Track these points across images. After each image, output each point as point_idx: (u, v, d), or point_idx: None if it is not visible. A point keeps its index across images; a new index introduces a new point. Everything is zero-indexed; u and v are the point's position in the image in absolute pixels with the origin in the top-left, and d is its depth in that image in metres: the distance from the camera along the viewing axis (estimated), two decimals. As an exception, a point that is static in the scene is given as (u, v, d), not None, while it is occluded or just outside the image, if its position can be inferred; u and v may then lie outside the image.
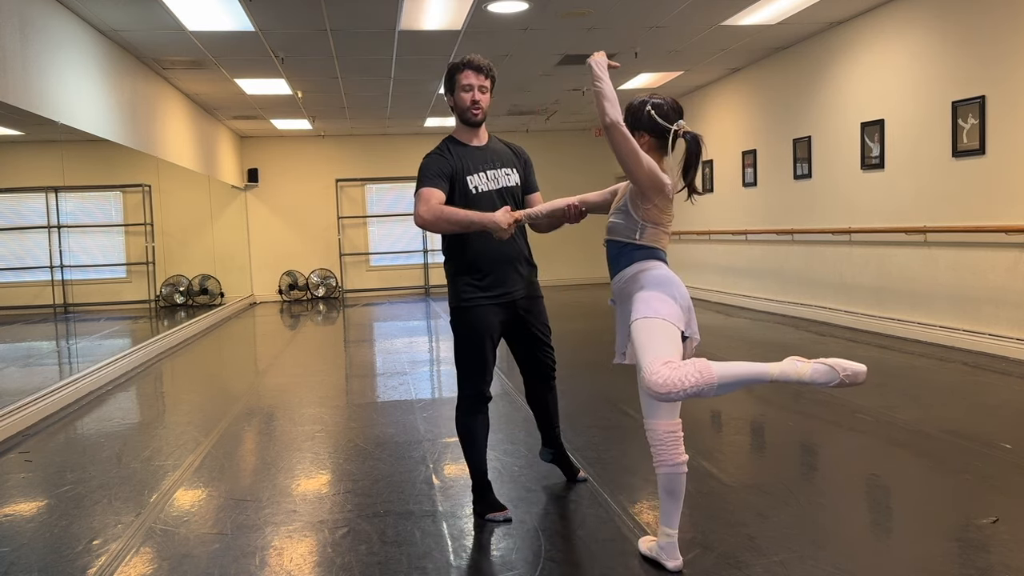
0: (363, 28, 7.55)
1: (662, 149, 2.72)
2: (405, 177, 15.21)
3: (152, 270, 10.75)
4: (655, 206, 2.67)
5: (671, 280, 2.67)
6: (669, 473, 2.65)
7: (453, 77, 3.21)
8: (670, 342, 2.54)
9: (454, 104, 3.24)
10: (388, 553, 2.93)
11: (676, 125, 2.68)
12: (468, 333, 3.21)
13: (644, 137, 2.71)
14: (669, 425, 2.68)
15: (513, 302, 3.28)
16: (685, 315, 2.64)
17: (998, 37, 6.14)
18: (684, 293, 2.67)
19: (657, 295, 2.62)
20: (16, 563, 2.98)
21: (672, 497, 2.67)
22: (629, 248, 2.74)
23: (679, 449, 2.66)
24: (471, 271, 3.20)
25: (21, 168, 7.62)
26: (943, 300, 6.85)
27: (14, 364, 7.48)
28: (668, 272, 2.71)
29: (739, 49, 9.07)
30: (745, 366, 2.46)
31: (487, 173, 3.22)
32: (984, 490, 3.38)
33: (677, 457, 2.65)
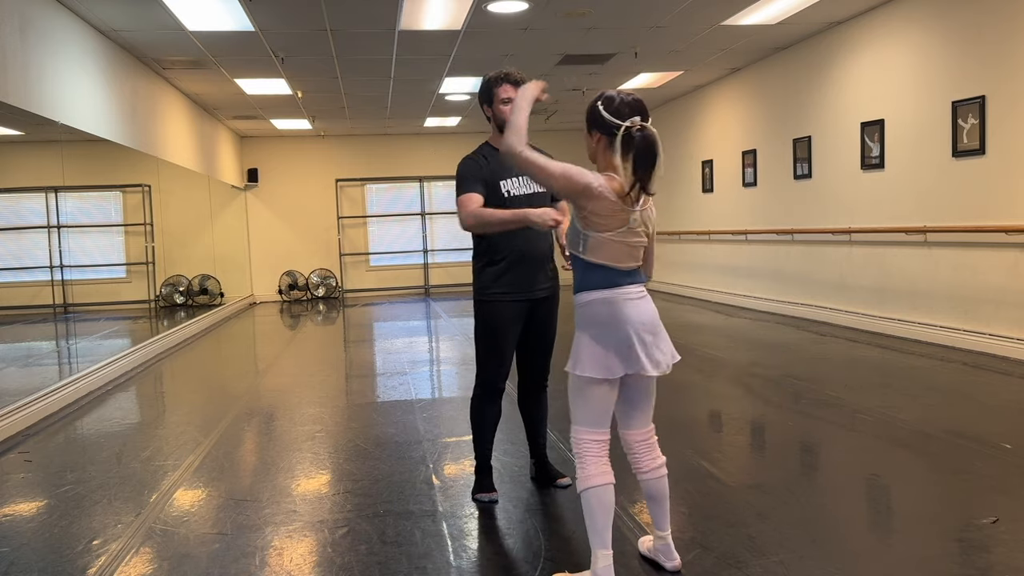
0: (363, 28, 7.55)
1: (613, 149, 2.49)
2: (405, 177, 15.22)
3: (152, 270, 10.75)
4: (591, 212, 2.47)
5: (600, 318, 2.50)
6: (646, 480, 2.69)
7: (492, 90, 3.38)
8: (584, 402, 2.53)
9: (492, 115, 3.42)
10: (388, 553, 2.93)
11: (629, 121, 2.45)
12: (490, 325, 3.36)
13: (596, 135, 2.54)
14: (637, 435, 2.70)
15: (536, 301, 3.42)
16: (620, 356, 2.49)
17: (998, 37, 6.14)
18: (623, 335, 2.49)
19: (585, 341, 2.52)
20: (16, 563, 2.98)
21: (654, 501, 2.69)
22: (579, 265, 2.57)
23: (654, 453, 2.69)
24: (496, 265, 3.34)
25: (21, 168, 7.61)
26: (943, 300, 6.85)
27: (14, 364, 7.48)
28: (603, 307, 2.50)
29: (739, 49, 9.06)
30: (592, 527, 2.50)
31: (520, 179, 3.38)
32: (984, 490, 3.38)
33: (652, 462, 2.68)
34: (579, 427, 2.56)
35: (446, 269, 15.33)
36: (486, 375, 3.41)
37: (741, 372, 6.10)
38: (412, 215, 15.39)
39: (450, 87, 10.59)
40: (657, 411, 2.87)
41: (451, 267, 15.30)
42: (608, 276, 2.52)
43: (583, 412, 2.55)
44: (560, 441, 4.33)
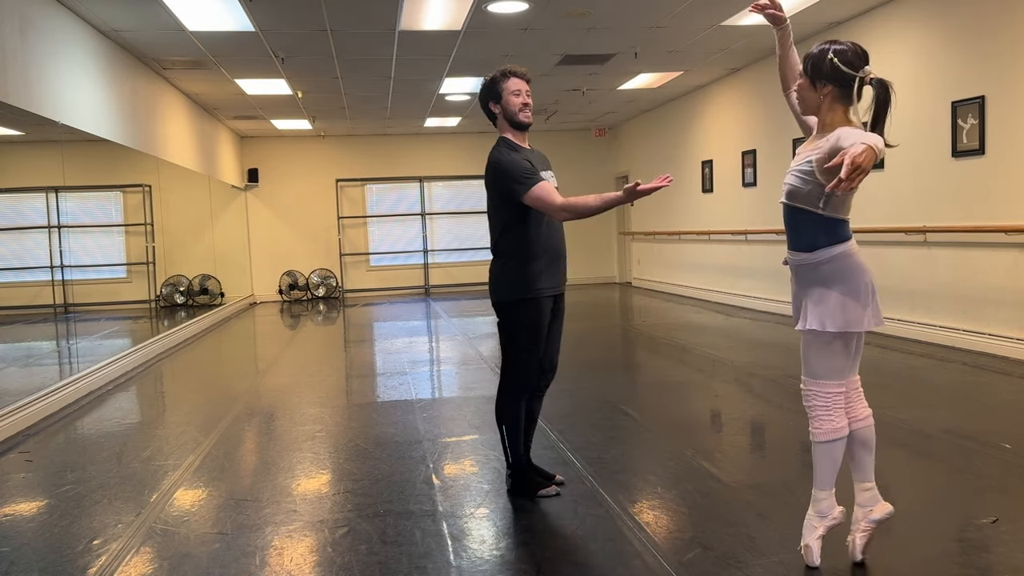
0: (363, 28, 7.55)
1: (847, 99, 2.47)
2: (405, 177, 15.22)
3: (152, 270, 10.75)
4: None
5: (855, 269, 2.50)
6: (857, 431, 2.65)
7: (499, 85, 3.37)
8: (829, 358, 2.54)
9: (502, 110, 3.38)
10: (388, 553, 2.93)
11: (862, 72, 2.42)
12: (533, 324, 3.33)
13: (827, 88, 2.47)
14: (852, 383, 2.66)
15: (559, 296, 3.46)
16: (864, 307, 2.49)
17: (998, 37, 6.14)
18: (866, 282, 2.51)
19: (836, 298, 2.48)
20: (16, 563, 2.98)
21: (865, 449, 2.67)
22: (810, 221, 2.50)
23: (861, 404, 2.67)
24: (537, 261, 3.32)
25: (21, 168, 7.61)
26: (943, 300, 6.85)
27: (14, 364, 7.48)
28: (854, 260, 2.51)
29: (739, 49, 9.06)
30: (830, 472, 2.59)
31: (545, 173, 3.35)
32: (984, 490, 3.38)
33: (865, 410, 2.67)
34: (824, 380, 2.55)
35: (446, 269, 15.33)
36: (528, 376, 3.38)
37: (741, 372, 6.10)
38: (412, 215, 15.39)
39: (450, 87, 10.59)
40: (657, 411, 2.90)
41: (451, 267, 15.30)
42: (845, 228, 2.53)
43: (828, 366, 2.54)
44: (560, 442, 4.33)
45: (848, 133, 2.31)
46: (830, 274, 2.50)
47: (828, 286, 2.50)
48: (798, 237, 2.56)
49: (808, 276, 2.54)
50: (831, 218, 2.50)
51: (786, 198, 2.57)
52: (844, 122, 2.47)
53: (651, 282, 13.86)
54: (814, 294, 2.52)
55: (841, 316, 2.48)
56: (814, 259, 2.51)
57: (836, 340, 2.52)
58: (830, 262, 2.49)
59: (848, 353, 2.56)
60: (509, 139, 3.38)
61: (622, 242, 15.58)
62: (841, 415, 2.57)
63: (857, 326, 2.50)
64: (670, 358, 6.95)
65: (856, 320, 2.49)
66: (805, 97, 2.56)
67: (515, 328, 3.35)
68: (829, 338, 2.52)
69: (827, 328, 2.49)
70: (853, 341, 2.56)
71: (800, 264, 2.56)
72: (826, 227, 2.50)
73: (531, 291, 3.30)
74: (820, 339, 2.53)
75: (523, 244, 3.30)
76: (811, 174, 2.47)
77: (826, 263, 2.50)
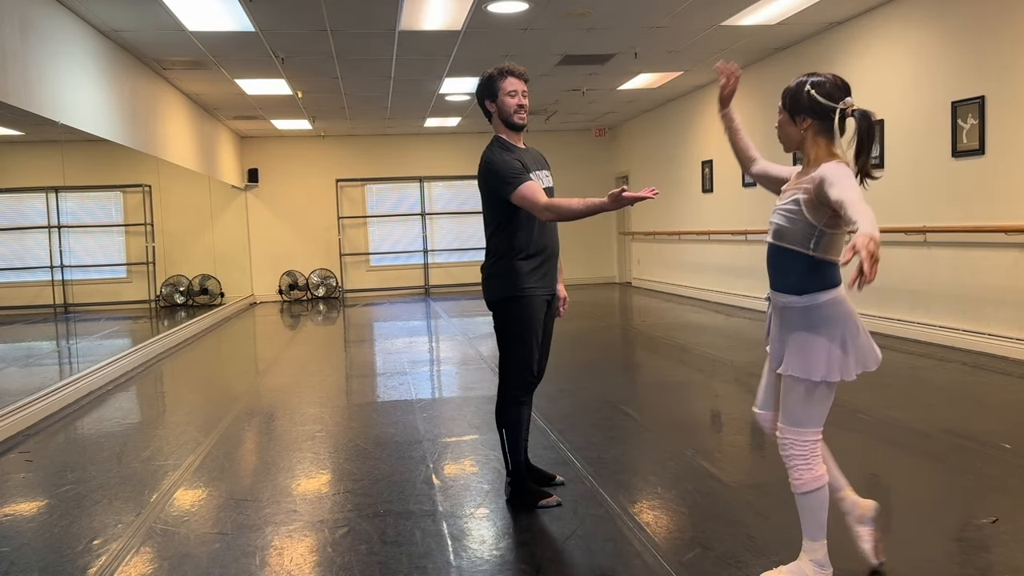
0: (363, 28, 7.55)
1: (829, 132, 2.37)
2: (405, 177, 15.22)
3: (152, 270, 10.75)
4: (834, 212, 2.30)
5: (842, 317, 2.36)
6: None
7: (496, 84, 3.33)
8: (814, 406, 2.40)
9: (497, 109, 3.36)
10: (388, 553, 2.93)
11: (842, 104, 2.35)
12: (526, 322, 3.30)
13: (807, 121, 2.39)
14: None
15: (552, 297, 3.43)
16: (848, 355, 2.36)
17: (998, 37, 6.14)
18: (856, 327, 2.38)
19: (824, 346, 2.35)
20: (16, 563, 2.98)
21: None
22: (799, 262, 2.38)
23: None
24: (530, 259, 3.30)
25: (21, 168, 7.61)
26: (943, 300, 6.85)
27: (14, 364, 7.48)
28: (842, 308, 2.37)
29: (739, 49, 9.06)
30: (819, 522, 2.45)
31: (538, 173, 3.34)
32: (984, 490, 3.38)
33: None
34: (806, 429, 2.41)
35: (446, 269, 15.33)
36: (525, 375, 3.33)
37: (741, 372, 6.10)
38: (412, 215, 15.39)
39: (450, 87, 10.59)
40: (657, 411, 2.90)
41: (451, 267, 15.30)
42: (835, 272, 2.40)
43: (815, 415, 2.41)
44: (560, 442, 4.33)
45: (831, 173, 2.26)
46: (818, 320, 2.36)
47: (815, 332, 2.36)
48: (784, 278, 2.42)
49: (794, 320, 2.41)
50: (821, 260, 2.37)
51: (773, 238, 2.45)
52: (828, 156, 2.38)
53: (651, 282, 13.86)
54: (799, 338, 2.39)
55: (826, 364, 2.35)
56: (802, 303, 2.38)
57: (819, 388, 2.39)
58: (819, 308, 2.36)
59: (830, 400, 2.43)
60: (503, 139, 3.36)
61: (622, 242, 15.58)
62: (819, 462, 2.44)
63: (842, 375, 2.37)
64: (670, 358, 6.95)
65: (841, 368, 2.36)
66: (786, 132, 2.48)
67: (509, 327, 3.32)
68: (813, 385, 2.38)
69: (811, 376, 2.36)
70: (834, 389, 2.43)
71: (786, 307, 2.43)
72: (815, 270, 2.37)
73: (523, 289, 3.28)
74: (803, 386, 2.39)
75: (515, 243, 3.28)
76: (799, 213, 2.37)
77: (815, 309, 2.37)
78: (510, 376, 3.34)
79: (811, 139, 2.42)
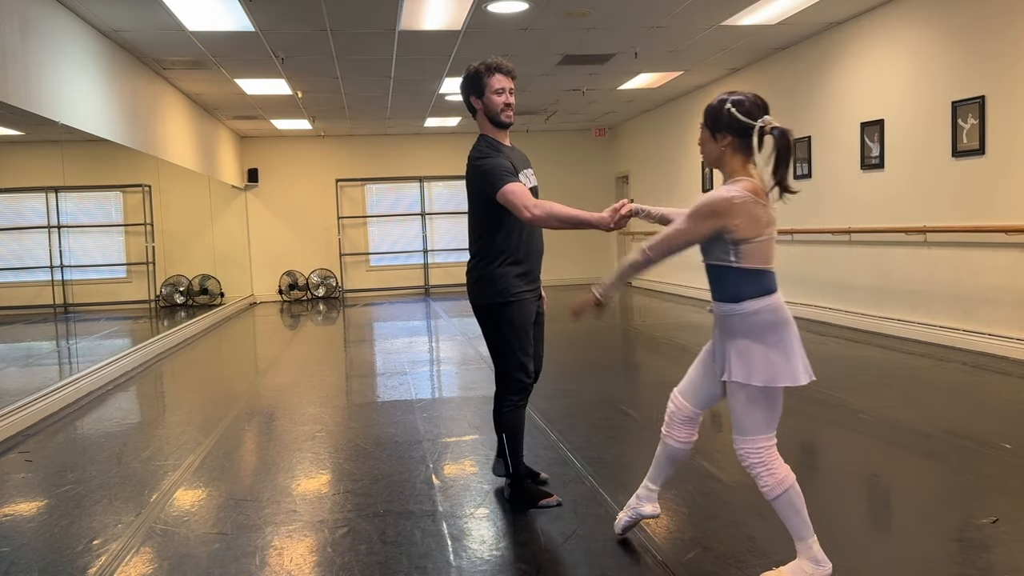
0: (363, 28, 7.55)
1: (747, 149, 2.46)
2: (405, 177, 15.22)
3: (152, 270, 10.75)
4: (737, 226, 2.40)
5: (779, 324, 2.45)
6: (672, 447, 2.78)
7: (482, 80, 3.26)
8: (763, 411, 2.47)
9: (483, 107, 3.29)
10: (388, 553, 2.93)
11: (761, 121, 2.42)
12: (518, 326, 3.25)
13: (727, 138, 2.46)
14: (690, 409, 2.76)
15: (539, 296, 3.41)
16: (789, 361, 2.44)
17: (998, 37, 6.14)
18: (791, 335, 2.46)
19: (761, 353, 2.43)
20: (16, 563, 2.98)
21: (671, 465, 2.83)
22: (731, 273, 2.47)
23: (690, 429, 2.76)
24: (518, 264, 3.26)
25: (21, 168, 7.62)
26: (943, 300, 6.85)
27: (14, 364, 7.49)
28: (778, 315, 2.46)
29: (739, 49, 9.06)
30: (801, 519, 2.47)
31: (525, 172, 3.29)
32: (984, 490, 3.38)
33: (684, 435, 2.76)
34: (759, 435, 2.47)
35: (446, 269, 15.33)
36: (521, 379, 3.28)
37: (741, 372, 6.10)
38: (412, 215, 15.39)
39: (450, 87, 10.58)
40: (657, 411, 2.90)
41: (451, 267, 15.30)
42: (767, 280, 2.48)
43: (765, 420, 2.47)
44: (560, 442, 4.33)
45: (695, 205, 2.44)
46: (756, 327, 2.45)
47: (753, 339, 2.44)
48: (721, 289, 2.52)
49: (733, 327, 2.49)
50: (750, 269, 2.44)
51: (701, 255, 2.56)
52: (743, 172, 2.46)
53: (651, 282, 13.86)
54: (739, 346, 2.46)
55: (767, 370, 2.42)
56: (739, 311, 2.46)
57: (761, 394, 2.45)
58: (756, 315, 2.45)
59: (775, 406, 2.48)
60: (490, 138, 3.30)
61: (622, 242, 15.58)
62: (780, 465, 2.48)
63: (783, 380, 2.43)
64: (670, 358, 6.95)
65: (782, 374, 2.42)
66: (707, 149, 2.54)
67: (503, 331, 3.26)
68: (755, 391, 2.45)
69: (752, 382, 2.43)
70: (779, 394, 2.48)
71: (725, 315, 2.51)
72: (748, 278, 2.45)
73: (513, 294, 3.23)
74: (744, 392, 2.46)
75: (504, 246, 3.23)
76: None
77: (751, 315, 2.45)
78: (507, 381, 3.30)
79: (730, 155, 2.48)
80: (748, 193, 2.39)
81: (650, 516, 2.90)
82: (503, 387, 3.32)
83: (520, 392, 3.31)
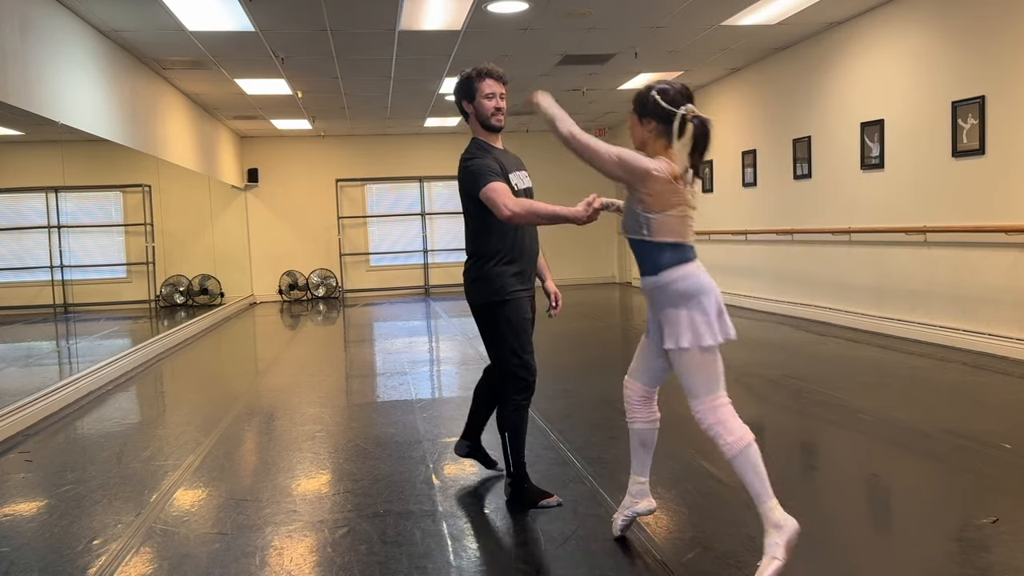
0: (363, 28, 7.55)
1: (669, 135, 2.63)
2: (405, 177, 15.22)
3: (152, 270, 10.75)
4: (648, 194, 2.59)
5: (696, 289, 2.61)
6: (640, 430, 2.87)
7: (473, 85, 3.35)
8: (707, 370, 2.60)
9: (474, 111, 3.38)
10: (388, 553, 2.93)
11: (684, 109, 2.59)
12: (516, 324, 3.30)
13: (651, 124, 2.65)
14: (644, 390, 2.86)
15: (532, 296, 3.45)
16: (718, 322, 2.61)
17: (998, 37, 6.14)
18: (714, 298, 2.62)
19: (686, 317, 2.59)
20: (16, 563, 2.98)
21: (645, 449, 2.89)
22: (647, 247, 2.65)
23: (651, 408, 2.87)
24: (512, 264, 3.32)
25: (21, 168, 7.62)
26: (943, 300, 6.85)
27: (14, 364, 7.49)
28: (693, 280, 2.61)
29: (739, 49, 9.07)
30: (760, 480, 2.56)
31: (517, 174, 3.36)
32: (984, 490, 3.38)
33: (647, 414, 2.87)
34: (711, 396, 2.61)
35: (446, 269, 15.33)
36: (526, 377, 3.30)
37: (741, 372, 6.10)
38: (412, 215, 15.39)
39: (450, 87, 10.58)
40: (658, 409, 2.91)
41: (451, 267, 15.30)
42: (683, 251, 2.64)
43: (711, 380, 2.60)
44: (560, 442, 4.33)
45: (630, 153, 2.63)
46: (676, 295, 2.61)
47: (676, 306, 2.61)
48: (644, 263, 2.68)
49: (658, 298, 2.65)
50: (666, 243, 2.62)
51: (623, 231, 2.80)
52: (664, 155, 2.63)
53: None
54: (666, 315, 2.63)
55: (691, 331, 2.57)
56: (660, 282, 2.63)
57: (695, 355, 2.59)
58: (674, 283, 2.61)
59: (713, 366, 2.61)
60: (481, 141, 3.37)
61: (622, 242, 15.58)
62: (737, 423, 2.60)
63: (707, 339, 2.57)
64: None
65: (704, 334, 2.57)
66: (634, 133, 2.73)
67: (500, 330, 3.30)
68: (690, 355, 2.59)
69: (681, 345, 2.58)
70: (713, 353, 2.60)
71: (650, 288, 2.68)
72: (664, 251, 2.63)
73: (509, 293, 3.29)
74: (681, 357, 2.61)
75: (498, 246, 3.29)
76: (627, 206, 2.71)
77: (671, 284, 2.61)
78: (509, 379, 3.32)
79: (653, 139, 2.67)
80: (665, 173, 2.59)
81: (646, 512, 2.91)
82: (508, 388, 3.33)
83: (523, 391, 3.32)
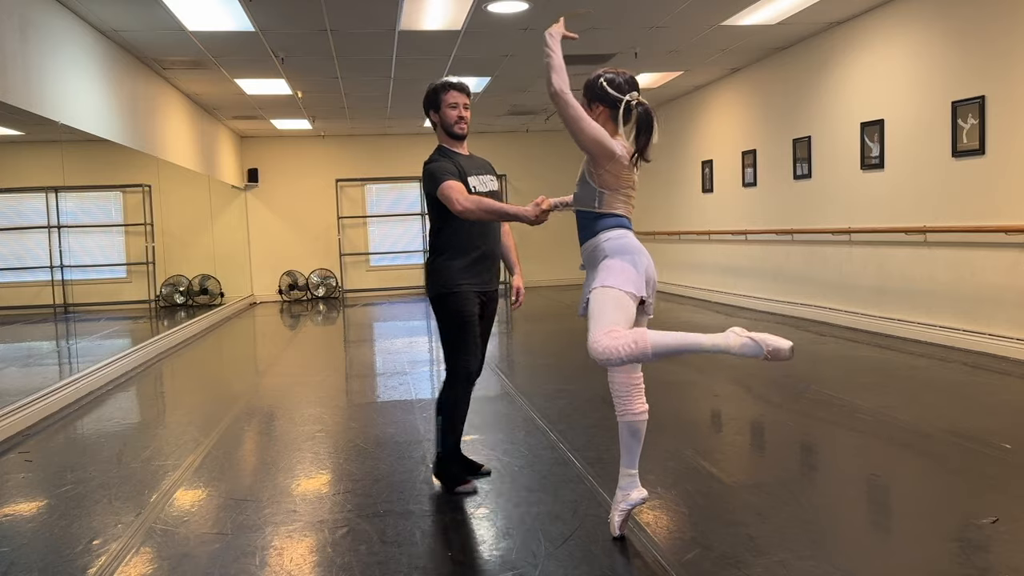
0: (363, 28, 7.55)
1: (616, 120, 2.84)
2: (405, 177, 15.22)
3: (152, 270, 10.75)
4: (607, 172, 2.80)
5: (632, 248, 2.81)
6: (631, 422, 2.93)
7: (439, 96, 3.60)
8: (619, 310, 2.71)
9: (439, 120, 3.62)
10: (388, 553, 2.93)
11: (629, 96, 2.82)
12: (460, 316, 3.51)
13: (599, 108, 2.87)
14: (629, 378, 2.92)
15: (488, 294, 3.63)
16: (644, 280, 2.79)
17: (998, 37, 6.14)
18: (646, 261, 2.82)
19: (619, 264, 2.77)
20: (16, 563, 2.98)
21: (635, 439, 2.95)
22: (592, 217, 2.87)
23: (640, 399, 2.94)
24: (462, 258, 3.53)
25: (21, 168, 7.61)
26: (943, 300, 6.85)
27: (14, 364, 7.48)
28: (631, 240, 2.84)
29: (739, 49, 9.07)
30: (680, 336, 2.62)
31: (479, 177, 3.58)
32: (984, 490, 3.38)
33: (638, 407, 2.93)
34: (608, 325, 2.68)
35: (446, 269, 15.31)
36: (464, 366, 3.54)
37: (741, 372, 6.10)
38: (412, 215, 15.39)
39: (450, 87, 10.57)
40: (657, 410, 2.91)
41: (451, 267, 15.29)
42: (621, 221, 2.88)
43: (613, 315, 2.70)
44: (560, 442, 4.33)
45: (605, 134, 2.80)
46: (613, 248, 2.81)
47: (612, 256, 2.80)
48: (585, 231, 2.90)
49: (595, 257, 2.86)
50: (609, 213, 2.86)
51: (572, 203, 3.00)
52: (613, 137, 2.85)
53: (651, 282, 13.87)
54: (604, 264, 2.80)
55: (620, 275, 2.74)
56: (600, 241, 2.84)
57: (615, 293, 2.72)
58: (611, 240, 2.82)
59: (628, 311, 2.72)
60: (444, 147, 3.61)
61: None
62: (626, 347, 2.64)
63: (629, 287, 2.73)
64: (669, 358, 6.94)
65: (629, 282, 2.73)
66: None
67: (445, 320, 3.54)
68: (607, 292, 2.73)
69: (607, 284, 2.74)
70: (632, 302, 2.74)
71: (592, 249, 2.88)
72: (606, 220, 2.86)
73: (455, 285, 3.49)
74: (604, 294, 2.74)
75: (452, 242, 3.51)
76: (583, 181, 2.89)
77: (609, 241, 2.82)
78: (453, 369, 3.55)
79: (601, 124, 2.85)
80: (626, 157, 2.83)
81: (640, 501, 2.95)
82: (450, 375, 3.58)
83: (463, 381, 3.56)
